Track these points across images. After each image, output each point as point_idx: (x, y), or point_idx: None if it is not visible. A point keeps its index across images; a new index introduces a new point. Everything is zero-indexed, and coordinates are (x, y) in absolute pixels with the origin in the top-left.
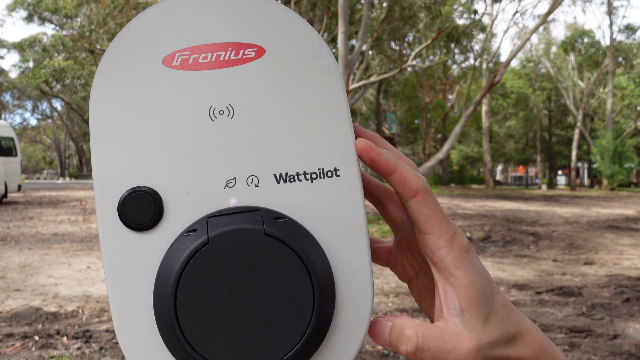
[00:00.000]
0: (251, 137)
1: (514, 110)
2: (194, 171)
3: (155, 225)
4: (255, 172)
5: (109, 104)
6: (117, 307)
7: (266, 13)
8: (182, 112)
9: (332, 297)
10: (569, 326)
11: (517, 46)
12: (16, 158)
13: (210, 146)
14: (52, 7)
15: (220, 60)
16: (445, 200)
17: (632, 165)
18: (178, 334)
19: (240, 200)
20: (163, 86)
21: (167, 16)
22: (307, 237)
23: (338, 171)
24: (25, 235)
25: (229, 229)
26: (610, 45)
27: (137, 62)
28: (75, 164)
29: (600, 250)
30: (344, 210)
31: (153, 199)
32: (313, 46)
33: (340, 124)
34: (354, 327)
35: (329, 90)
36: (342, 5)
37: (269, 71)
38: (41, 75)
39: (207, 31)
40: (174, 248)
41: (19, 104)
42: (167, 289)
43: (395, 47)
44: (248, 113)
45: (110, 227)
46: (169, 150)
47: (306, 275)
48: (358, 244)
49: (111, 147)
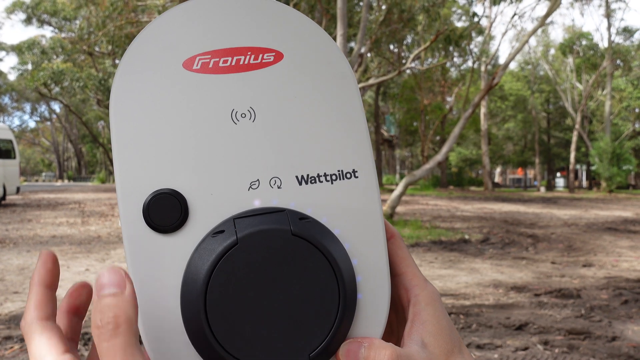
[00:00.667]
0: (273, 140)
1: (512, 113)
2: (218, 173)
3: (181, 227)
4: (277, 173)
5: (130, 106)
6: (143, 309)
7: (283, 19)
8: (204, 115)
9: (354, 295)
10: (568, 328)
11: (516, 48)
12: (15, 160)
13: (233, 148)
14: (50, 10)
15: (240, 64)
16: (444, 203)
17: (630, 167)
18: (208, 334)
19: (264, 201)
20: (184, 89)
21: (186, 20)
22: (330, 236)
23: (356, 172)
24: (23, 238)
25: (257, 230)
26: (608, 47)
27: (157, 64)
28: (74, 167)
29: (599, 252)
30: (362, 210)
31: (178, 201)
32: (329, 51)
33: (357, 127)
34: (373, 323)
35: (346, 94)
36: (341, 7)
37: (287, 75)
38: (40, 77)
39: (227, 35)
40: (202, 249)
41: (18, 106)
42: (195, 289)
43: (394, 50)
44: (269, 116)
45: (135, 229)
46: (192, 152)
47: (332, 274)
48: (376, 242)
49: (134, 150)
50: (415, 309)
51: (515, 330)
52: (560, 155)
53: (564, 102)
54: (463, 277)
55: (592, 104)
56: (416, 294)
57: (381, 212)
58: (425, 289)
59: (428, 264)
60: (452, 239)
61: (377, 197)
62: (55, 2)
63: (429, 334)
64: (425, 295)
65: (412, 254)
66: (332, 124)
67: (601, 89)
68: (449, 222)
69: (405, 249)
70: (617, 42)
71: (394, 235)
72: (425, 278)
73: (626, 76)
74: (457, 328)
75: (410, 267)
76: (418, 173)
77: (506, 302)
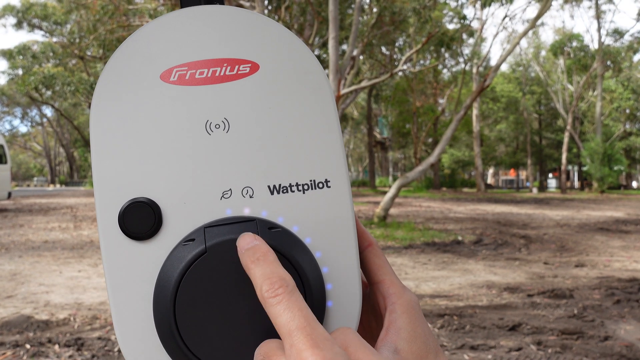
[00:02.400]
0: (246, 150)
1: (504, 114)
2: (191, 182)
3: (155, 235)
4: (250, 183)
5: (109, 117)
6: (118, 313)
7: (260, 30)
8: (179, 125)
9: (322, 302)
10: (561, 328)
11: (507, 50)
12: (6, 165)
13: (207, 158)
14: (41, 14)
15: (216, 75)
16: (437, 204)
17: (621, 167)
18: (177, 338)
19: (235, 210)
20: (161, 100)
21: (164, 33)
22: (299, 245)
23: (329, 182)
24: (15, 243)
25: (225, 239)
26: (598, 49)
27: (136, 76)
28: (66, 171)
29: (591, 252)
30: (334, 219)
31: (152, 209)
32: (305, 62)
33: (330, 137)
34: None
35: (320, 105)
36: (333, 10)
37: (262, 86)
38: (31, 82)
39: (203, 47)
40: (173, 257)
41: (8, 111)
42: (166, 295)
43: (386, 52)
44: (243, 127)
45: (111, 236)
46: (167, 162)
47: (299, 281)
48: (347, 251)
49: (111, 159)
50: (391, 316)
51: (508, 330)
52: (552, 156)
53: (555, 103)
54: (456, 278)
55: (583, 105)
56: (393, 301)
57: (353, 221)
58: (402, 297)
59: (421, 265)
60: (446, 241)
61: (350, 206)
62: (45, 6)
63: (402, 340)
64: (401, 302)
65: (406, 256)
66: (306, 134)
67: (592, 90)
68: (442, 224)
69: (382, 257)
70: (607, 44)
71: (371, 244)
72: (403, 285)
73: (616, 77)
74: (450, 329)
75: (387, 275)
76: (411, 175)
77: (499, 302)
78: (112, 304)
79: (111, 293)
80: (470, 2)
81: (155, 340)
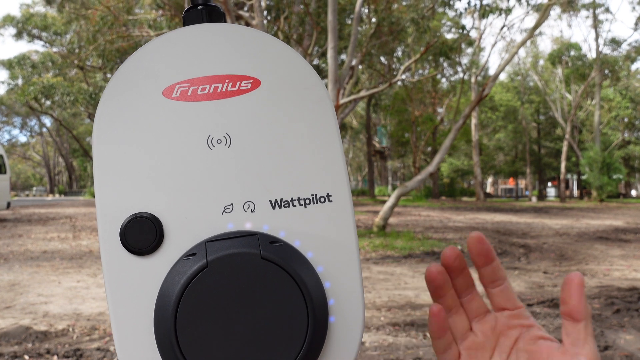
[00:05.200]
0: (247, 165)
1: (503, 123)
2: (193, 197)
3: (156, 250)
4: (251, 198)
5: (111, 133)
6: (119, 328)
7: (261, 46)
8: (181, 141)
9: (325, 318)
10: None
11: (505, 60)
12: (5, 175)
13: (208, 173)
14: (41, 25)
15: (218, 91)
16: (436, 213)
17: (620, 176)
18: (178, 354)
19: (237, 225)
20: (163, 116)
21: (167, 50)
22: (301, 260)
23: (330, 197)
24: (14, 253)
25: (226, 253)
26: (596, 58)
27: (138, 93)
28: (65, 181)
29: (591, 261)
30: (336, 233)
31: (154, 225)
32: (305, 77)
33: (332, 151)
34: (347, 345)
35: (321, 119)
36: (331, 20)
37: (264, 102)
38: (30, 92)
39: (205, 64)
40: (174, 272)
41: (7, 121)
42: (167, 311)
43: (385, 62)
44: (244, 142)
45: (112, 251)
46: (169, 177)
47: (300, 297)
48: (350, 265)
49: (113, 174)
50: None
51: None
52: (551, 165)
53: (554, 112)
54: None
55: (582, 114)
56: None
57: (355, 235)
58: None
59: (421, 275)
60: None
61: (352, 221)
62: (45, 16)
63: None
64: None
65: (405, 265)
66: (307, 148)
67: (590, 99)
68: (441, 233)
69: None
70: (605, 53)
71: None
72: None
73: (614, 86)
74: None
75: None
76: (410, 184)
77: None
78: (113, 318)
79: (112, 308)
80: (468, 12)
81: (155, 355)
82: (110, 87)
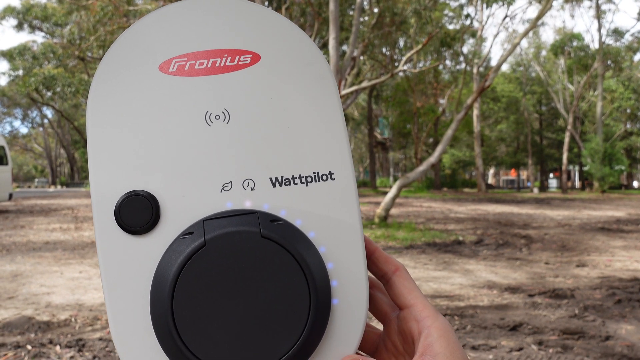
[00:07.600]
0: (247, 142)
1: (504, 114)
2: (190, 175)
3: (152, 229)
4: (251, 175)
5: (106, 109)
6: (114, 311)
7: (261, 20)
8: (178, 117)
9: (327, 300)
10: (562, 328)
11: (507, 50)
12: (7, 167)
13: (206, 150)
14: (41, 15)
15: (217, 66)
16: (438, 204)
17: (622, 167)
18: (175, 336)
19: (236, 203)
20: (159, 92)
21: (163, 24)
22: (302, 239)
23: (333, 175)
24: (16, 244)
25: (225, 232)
26: (599, 48)
27: (133, 68)
28: (67, 172)
29: (592, 252)
30: (339, 212)
31: (150, 203)
32: (307, 52)
33: (334, 128)
34: (350, 328)
35: (323, 95)
36: (333, 11)
37: (264, 77)
38: (31, 83)
39: (203, 38)
40: (171, 251)
41: (9, 112)
42: (163, 291)
43: (387, 53)
44: (244, 118)
45: (107, 231)
46: (165, 154)
47: (302, 277)
48: (353, 245)
49: (108, 152)
50: (427, 340)
51: (509, 330)
52: (553, 156)
53: (556, 103)
54: (457, 278)
55: (584, 105)
56: (428, 325)
57: (359, 214)
58: (437, 321)
59: (422, 265)
60: (446, 241)
61: (355, 199)
62: (46, 7)
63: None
64: (437, 327)
65: (407, 256)
66: (309, 125)
67: (592, 89)
68: (442, 224)
69: (411, 280)
70: (608, 43)
71: (398, 268)
72: (435, 309)
73: (617, 77)
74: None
75: (419, 298)
76: (411, 175)
77: (500, 303)
78: (108, 301)
79: (107, 290)
80: (470, 1)
81: (152, 339)
82: (105, 61)
